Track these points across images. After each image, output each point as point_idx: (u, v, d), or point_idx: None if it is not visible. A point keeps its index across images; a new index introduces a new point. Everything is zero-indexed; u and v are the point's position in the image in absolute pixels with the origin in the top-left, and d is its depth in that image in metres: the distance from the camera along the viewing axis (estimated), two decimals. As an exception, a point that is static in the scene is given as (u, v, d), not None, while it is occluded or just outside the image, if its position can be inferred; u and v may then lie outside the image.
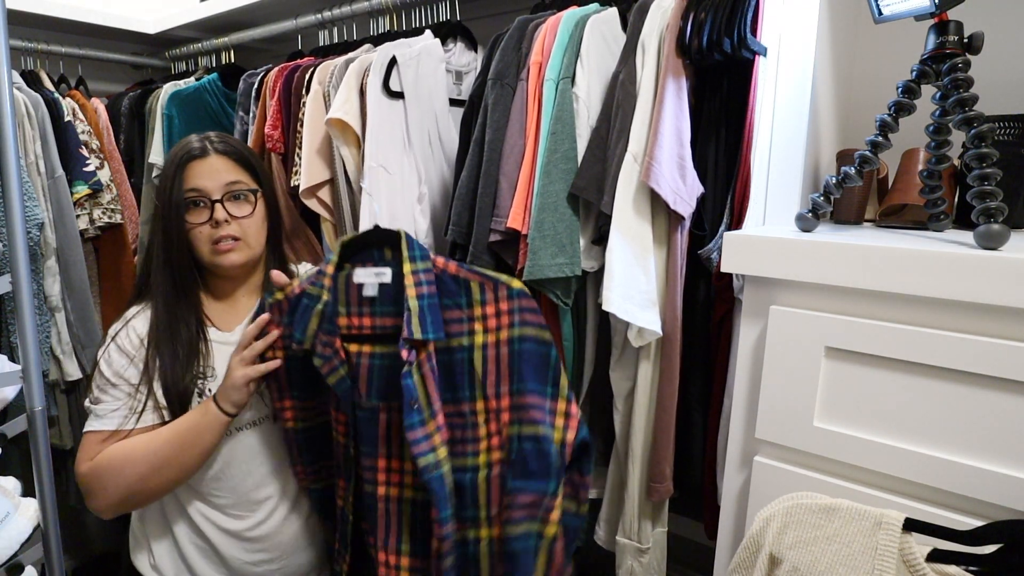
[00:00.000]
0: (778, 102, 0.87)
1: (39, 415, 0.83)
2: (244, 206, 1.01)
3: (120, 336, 1.00)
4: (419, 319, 0.83)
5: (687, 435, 0.98)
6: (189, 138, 1.03)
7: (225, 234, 0.99)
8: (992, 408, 0.62)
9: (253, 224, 1.01)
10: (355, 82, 1.17)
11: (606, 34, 0.98)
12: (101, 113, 1.71)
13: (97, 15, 1.78)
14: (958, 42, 0.69)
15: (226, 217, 0.99)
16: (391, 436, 0.88)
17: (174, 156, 1.01)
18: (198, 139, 1.02)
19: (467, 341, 0.87)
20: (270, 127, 1.34)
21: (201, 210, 0.99)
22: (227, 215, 0.99)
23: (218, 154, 1.01)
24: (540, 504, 0.84)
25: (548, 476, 0.84)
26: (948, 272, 0.61)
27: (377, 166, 1.13)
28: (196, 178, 0.99)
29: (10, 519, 0.81)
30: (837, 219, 0.96)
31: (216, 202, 0.98)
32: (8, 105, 0.79)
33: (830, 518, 0.65)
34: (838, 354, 0.69)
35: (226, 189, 0.99)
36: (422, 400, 0.83)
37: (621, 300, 0.87)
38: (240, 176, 1.01)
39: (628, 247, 0.88)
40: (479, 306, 0.87)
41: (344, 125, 1.15)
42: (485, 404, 0.87)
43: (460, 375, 0.87)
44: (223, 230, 0.99)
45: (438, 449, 0.84)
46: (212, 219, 0.98)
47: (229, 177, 1.00)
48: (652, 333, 0.89)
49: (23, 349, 0.82)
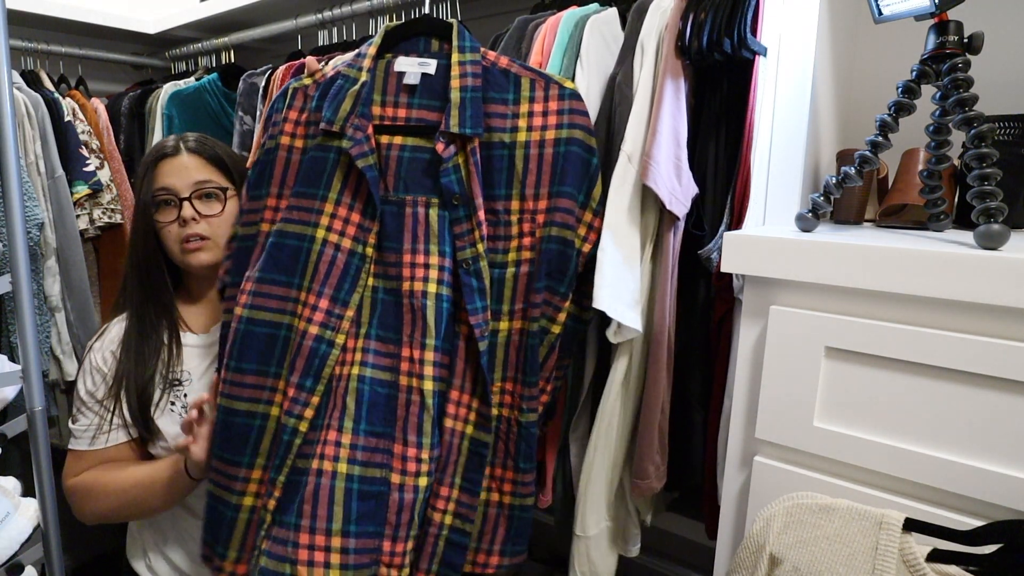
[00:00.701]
0: (778, 102, 0.87)
1: (39, 415, 0.83)
2: (213, 205, 1.00)
3: (94, 352, 1.00)
4: (459, 111, 0.81)
5: (687, 435, 0.98)
6: (166, 138, 1.03)
7: (193, 232, 0.97)
8: (992, 408, 0.62)
9: (223, 223, 1.00)
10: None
11: (606, 34, 0.98)
12: (101, 113, 1.71)
13: (97, 15, 1.78)
14: (958, 42, 0.69)
15: (193, 215, 0.97)
16: (417, 232, 0.86)
17: (147, 156, 1.01)
18: (173, 139, 1.02)
19: (509, 138, 0.85)
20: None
21: (170, 209, 0.99)
22: (195, 213, 0.98)
23: (189, 152, 1.00)
24: (551, 303, 0.86)
25: (564, 279, 0.86)
26: (948, 272, 0.61)
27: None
28: (165, 176, 0.98)
29: (10, 519, 0.81)
30: (837, 219, 0.96)
31: (184, 200, 0.97)
32: (8, 105, 0.79)
33: (830, 518, 0.65)
34: (838, 354, 0.69)
35: (195, 187, 0.98)
36: (465, 195, 0.83)
37: (611, 300, 0.87)
38: (210, 175, 1.00)
39: (619, 247, 0.88)
40: (527, 103, 0.84)
41: None
42: (521, 204, 0.85)
43: (498, 172, 0.85)
44: (191, 228, 0.97)
45: (477, 244, 0.84)
46: (180, 217, 0.97)
47: (198, 176, 0.99)
48: (630, 331, 0.90)
49: (23, 349, 0.82)
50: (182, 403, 0.99)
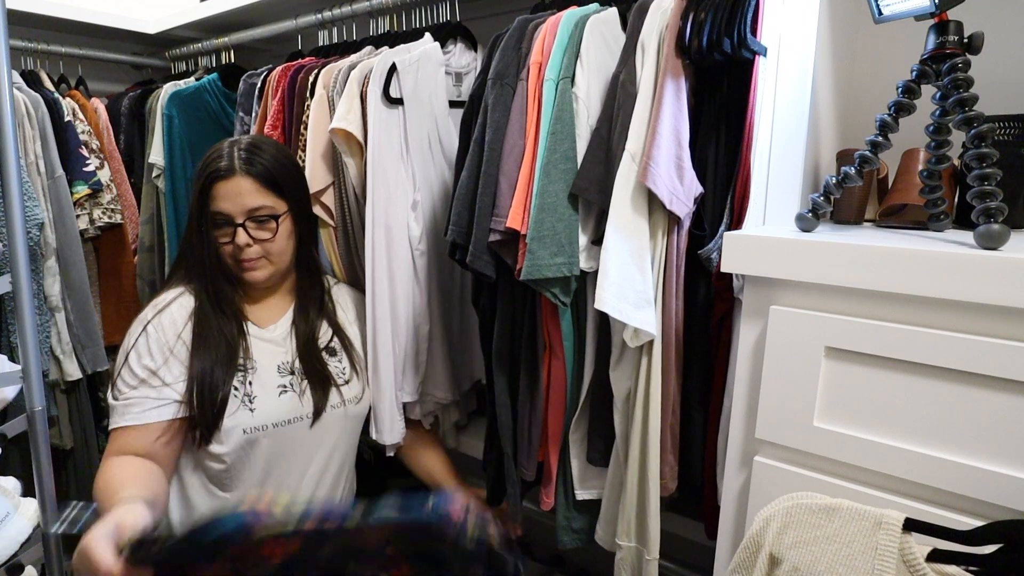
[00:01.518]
0: (778, 102, 0.87)
1: (39, 415, 0.83)
2: (267, 228, 1.03)
3: (152, 327, 1.00)
4: None
5: (687, 435, 0.98)
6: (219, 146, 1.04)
7: (247, 257, 1.02)
8: (992, 408, 0.62)
9: (276, 245, 1.04)
10: (356, 89, 1.17)
11: (606, 34, 0.98)
12: (101, 113, 1.71)
13: (97, 15, 1.78)
14: (958, 42, 0.69)
15: (248, 241, 1.01)
16: None
17: (202, 169, 1.03)
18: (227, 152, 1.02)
19: None
20: (270, 127, 1.34)
21: (226, 230, 1.02)
22: (248, 239, 1.01)
23: (244, 175, 1.01)
24: None
25: None
26: (948, 272, 0.61)
27: (376, 174, 1.14)
28: (220, 200, 1.01)
29: (10, 519, 0.81)
30: (837, 219, 0.96)
31: (239, 226, 1.00)
32: (8, 105, 0.79)
33: (830, 518, 0.65)
34: (838, 354, 0.69)
35: (248, 214, 1.01)
36: None
37: (615, 299, 0.87)
38: (264, 200, 1.02)
39: (624, 246, 0.88)
40: None
41: (348, 135, 1.15)
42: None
43: None
44: (245, 253, 1.01)
45: None
46: (234, 242, 1.01)
47: (252, 202, 1.01)
48: (647, 334, 0.89)
49: (23, 349, 0.82)
50: (246, 390, 1.01)
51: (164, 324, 1.01)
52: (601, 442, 1.05)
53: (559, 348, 1.02)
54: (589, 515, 1.09)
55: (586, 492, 1.07)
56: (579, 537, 1.10)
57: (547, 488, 1.09)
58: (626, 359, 0.97)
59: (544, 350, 1.04)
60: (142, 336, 0.99)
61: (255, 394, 1.02)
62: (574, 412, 1.04)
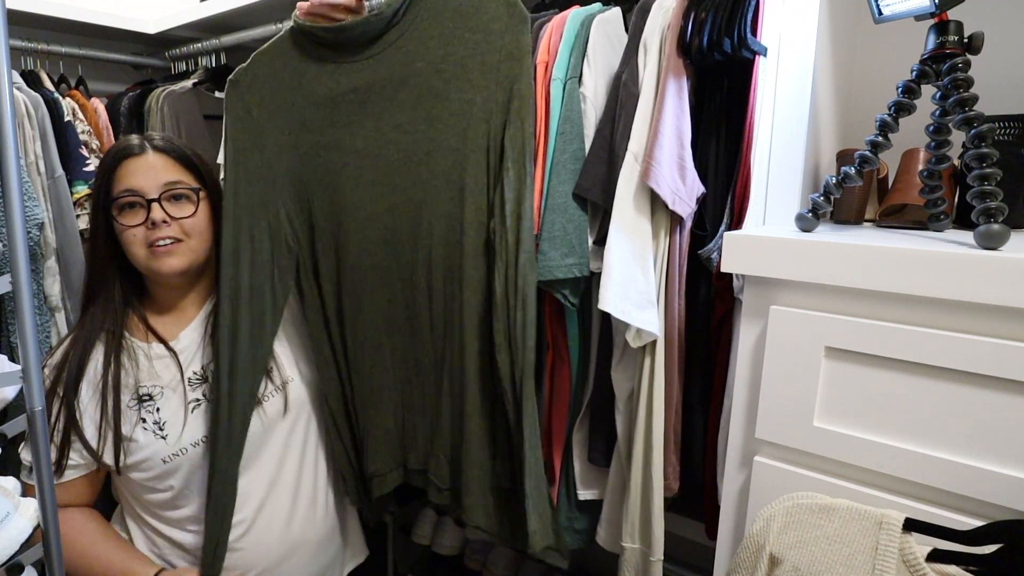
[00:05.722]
0: (778, 102, 0.87)
1: (39, 415, 0.83)
2: (186, 206, 0.94)
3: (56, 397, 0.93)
4: None
5: (687, 435, 0.98)
6: (128, 136, 0.96)
7: (163, 235, 0.91)
8: (992, 408, 0.62)
9: (197, 225, 0.94)
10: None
11: (610, 34, 0.98)
12: (101, 113, 1.71)
13: (97, 15, 1.78)
14: (958, 42, 0.69)
15: (164, 218, 0.91)
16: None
17: (107, 155, 0.94)
18: (137, 137, 0.95)
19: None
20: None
21: (136, 211, 0.92)
22: (165, 215, 0.92)
23: (156, 152, 0.94)
24: None
25: None
26: (948, 272, 0.61)
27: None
28: (130, 177, 0.92)
29: (10, 519, 0.81)
30: (837, 219, 0.96)
31: (153, 201, 0.91)
32: (8, 105, 0.79)
33: (830, 518, 0.65)
34: (838, 354, 0.69)
35: (164, 188, 0.92)
36: None
37: (618, 300, 0.86)
38: (181, 176, 0.95)
39: (627, 246, 0.88)
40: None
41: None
42: None
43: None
44: (161, 231, 0.91)
45: None
46: (149, 220, 0.91)
47: (168, 176, 0.93)
48: (649, 334, 0.89)
49: (23, 349, 0.82)
50: (154, 419, 0.93)
51: (62, 391, 0.93)
52: (603, 442, 1.05)
53: (564, 350, 1.02)
54: (590, 516, 1.09)
55: (588, 492, 1.07)
56: (581, 538, 1.10)
57: (550, 489, 1.09)
58: (628, 359, 0.97)
59: (547, 351, 1.03)
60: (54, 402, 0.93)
61: (163, 419, 0.94)
62: (578, 413, 1.04)
